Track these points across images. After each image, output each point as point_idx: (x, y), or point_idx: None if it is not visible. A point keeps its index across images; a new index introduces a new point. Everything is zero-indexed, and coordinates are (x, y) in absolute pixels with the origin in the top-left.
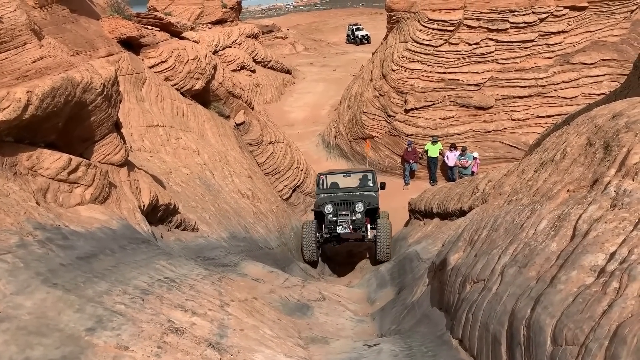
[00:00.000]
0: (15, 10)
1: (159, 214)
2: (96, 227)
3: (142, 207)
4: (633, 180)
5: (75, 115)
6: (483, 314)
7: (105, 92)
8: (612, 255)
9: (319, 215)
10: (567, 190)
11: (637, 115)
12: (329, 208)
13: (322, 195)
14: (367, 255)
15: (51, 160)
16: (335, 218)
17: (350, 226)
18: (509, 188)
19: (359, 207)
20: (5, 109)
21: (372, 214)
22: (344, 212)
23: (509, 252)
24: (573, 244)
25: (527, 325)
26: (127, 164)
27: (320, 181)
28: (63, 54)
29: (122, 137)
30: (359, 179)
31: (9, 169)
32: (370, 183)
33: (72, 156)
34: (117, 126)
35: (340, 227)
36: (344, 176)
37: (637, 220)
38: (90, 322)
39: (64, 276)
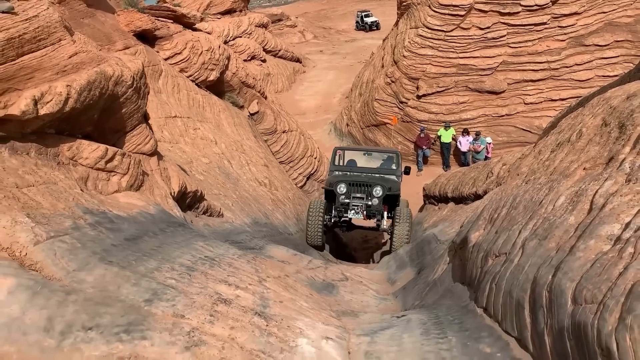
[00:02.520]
0: (48, 8)
1: (187, 200)
2: (136, 212)
3: (172, 194)
4: None
5: (109, 108)
6: (506, 283)
7: (134, 85)
8: (628, 224)
9: (330, 195)
10: (584, 168)
11: None
12: (342, 188)
13: (336, 172)
14: (384, 241)
15: (89, 150)
16: (347, 200)
17: (364, 212)
18: (526, 169)
19: (377, 191)
20: (48, 102)
21: (392, 201)
22: (358, 195)
23: (528, 227)
24: (590, 216)
25: (548, 289)
26: (156, 153)
27: (337, 156)
28: (94, 49)
29: (151, 128)
30: (382, 160)
31: (53, 159)
32: (394, 166)
33: (108, 146)
34: (145, 117)
35: (352, 211)
36: (365, 154)
37: None
38: (147, 294)
39: (117, 255)
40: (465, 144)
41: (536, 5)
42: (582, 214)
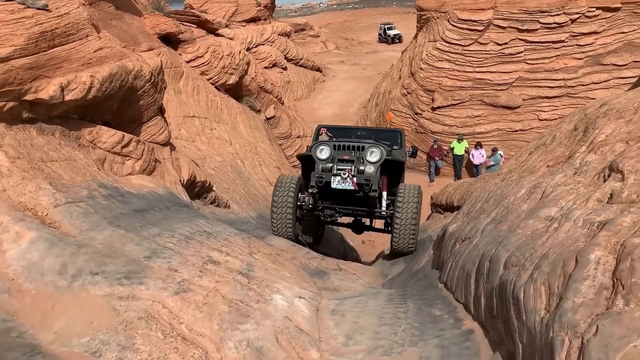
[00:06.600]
0: (78, 7)
1: (196, 189)
2: (146, 191)
3: (182, 181)
4: (595, 153)
5: (127, 99)
6: (463, 260)
7: (152, 79)
8: (562, 208)
9: (307, 166)
10: (547, 166)
11: (617, 104)
12: (323, 151)
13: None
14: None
15: (108, 135)
16: (330, 164)
17: (354, 178)
18: (506, 169)
19: (373, 154)
20: (73, 90)
21: (393, 173)
22: (346, 158)
23: (491, 215)
24: (539, 203)
25: (489, 260)
26: (169, 144)
27: (320, 135)
28: (117, 46)
29: (166, 121)
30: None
31: (75, 141)
32: (397, 146)
33: (125, 133)
34: (161, 110)
35: (338, 177)
36: (358, 134)
37: (589, 182)
38: (147, 252)
39: (124, 221)
40: (477, 157)
41: (555, 23)
42: (534, 202)
